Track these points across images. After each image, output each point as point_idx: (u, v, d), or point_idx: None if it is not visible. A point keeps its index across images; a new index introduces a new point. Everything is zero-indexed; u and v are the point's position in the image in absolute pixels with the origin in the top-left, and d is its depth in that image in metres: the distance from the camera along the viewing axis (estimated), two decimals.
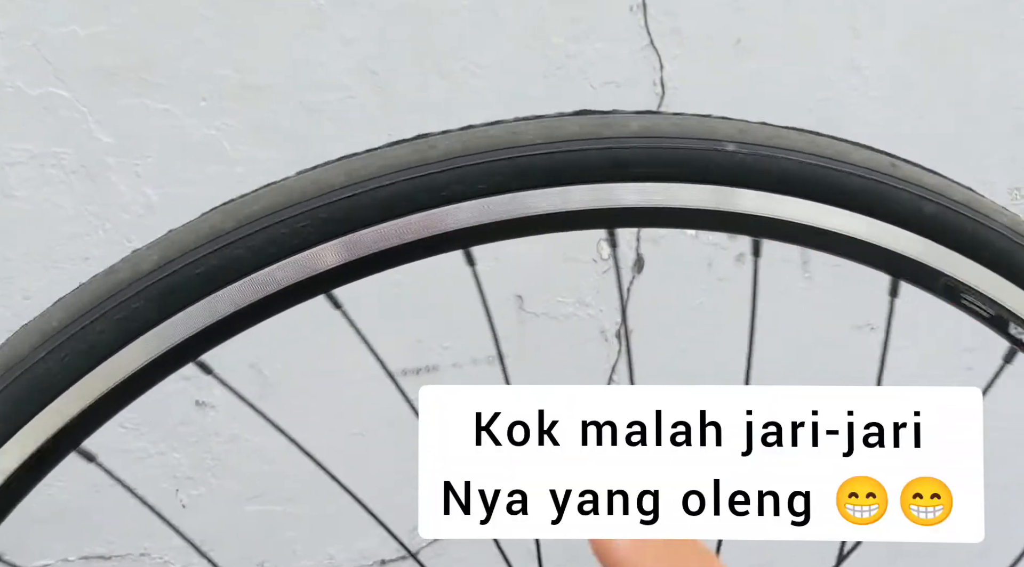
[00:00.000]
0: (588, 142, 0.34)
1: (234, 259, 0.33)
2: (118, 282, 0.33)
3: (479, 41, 0.79)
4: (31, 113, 0.74)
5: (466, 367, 0.85)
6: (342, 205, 0.33)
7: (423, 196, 0.33)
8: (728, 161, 0.34)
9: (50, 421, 0.32)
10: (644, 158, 0.34)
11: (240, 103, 0.77)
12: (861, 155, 0.35)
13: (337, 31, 0.77)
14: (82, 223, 0.77)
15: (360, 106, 0.79)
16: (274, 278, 0.33)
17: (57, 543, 0.82)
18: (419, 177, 0.34)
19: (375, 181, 0.33)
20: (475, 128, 0.35)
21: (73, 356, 0.32)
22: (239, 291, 0.33)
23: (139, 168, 0.76)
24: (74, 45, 0.74)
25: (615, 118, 0.35)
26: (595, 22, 0.80)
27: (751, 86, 0.84)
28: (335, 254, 0.33)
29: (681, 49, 0.82)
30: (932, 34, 0.86)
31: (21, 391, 0.32)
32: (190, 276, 0.33)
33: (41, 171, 0.76)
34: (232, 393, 0.39)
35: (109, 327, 0.32)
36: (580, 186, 0.34)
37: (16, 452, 0.32)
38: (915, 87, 0.87)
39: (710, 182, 0.34)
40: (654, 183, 0.34)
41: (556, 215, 0.34)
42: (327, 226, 0.33)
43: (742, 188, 0.34)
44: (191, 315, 0.33)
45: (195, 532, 0.83)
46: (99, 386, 0.33)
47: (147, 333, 0.33)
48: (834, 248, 0.36)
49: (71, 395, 0.32)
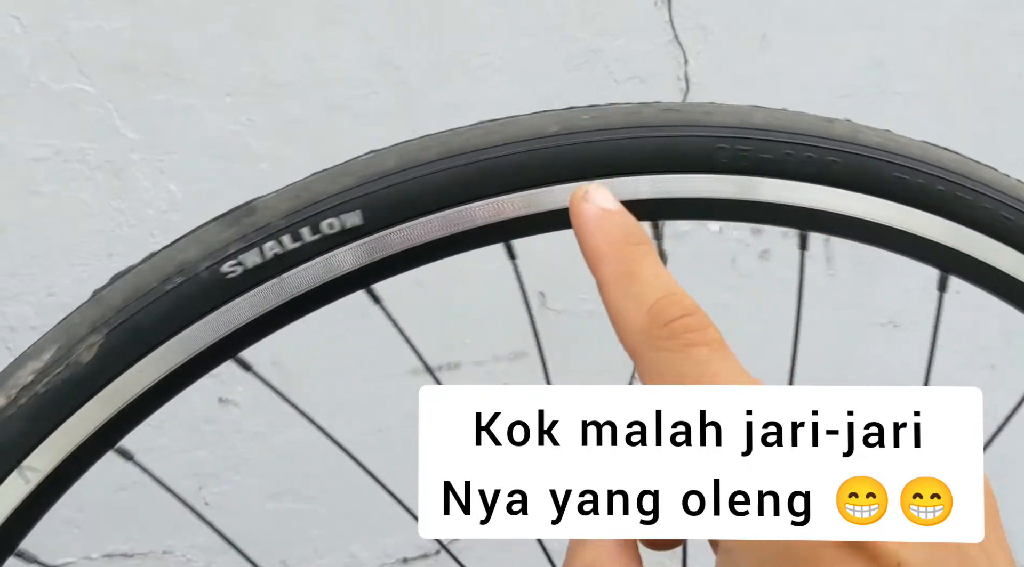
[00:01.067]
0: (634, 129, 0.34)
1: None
2: (145, 283, 0.32)
3: (501, 36, 0.79)
4: (55, 108, 0.74)
5: (488, 364, 0.85)
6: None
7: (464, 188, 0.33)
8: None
9: (87, 420, 0.32)
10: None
11: (263, 99, 0.77)
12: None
13: (359, 26, 0.77)
14: (106, 219, 0.77)
15: (381, 102, 0.79)
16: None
17: (79, 541, 0.83)
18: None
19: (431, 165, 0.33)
20: (488, 123, 0.35)
21: (108, 355, 0.32)
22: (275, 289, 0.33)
23: (163, 164, 0.77)
24: (99, 40, 0.74)
25: (645, 107, 0.34)
26: (619, 17, 0.80)
27: (775, 81, 0.84)
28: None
29: (706, 44, 0.82)
30: (956, 29, 0.86)
31: (61, 387, 0.31)
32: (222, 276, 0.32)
33: (65, 167, 0.76)
34: (272, 390, 0.39)
35: (146, 326, 0.32)
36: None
37: (54, 451, 0.32)
38: (939, 83, 0.86)
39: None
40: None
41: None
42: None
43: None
44: (227, 314, 0.33)
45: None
46: (135, 386, 0.32)
47: (185, 331, 0.32)
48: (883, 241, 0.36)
49: (107, 394, 0.32)
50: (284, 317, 0.33)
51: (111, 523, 0.82)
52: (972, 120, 0.88)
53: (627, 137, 0.33)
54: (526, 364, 0.86)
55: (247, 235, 0.32)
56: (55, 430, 0.31)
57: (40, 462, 0.32)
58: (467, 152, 0.34)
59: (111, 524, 0.82)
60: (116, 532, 0.83)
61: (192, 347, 0.32)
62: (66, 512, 0.81)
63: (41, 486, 0.32)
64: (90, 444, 0.32)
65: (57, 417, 0.31)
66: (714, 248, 0.86)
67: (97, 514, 0.82)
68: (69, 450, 0.32)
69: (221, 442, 0.83)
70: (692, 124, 0.34)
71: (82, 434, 0.32)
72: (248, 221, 0.33)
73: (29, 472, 0.32)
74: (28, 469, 0.32)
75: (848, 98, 0.86)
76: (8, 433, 0.31)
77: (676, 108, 0.34)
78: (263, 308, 0.33)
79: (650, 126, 0.33)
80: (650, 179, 0.33)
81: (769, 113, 0.35)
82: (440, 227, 0.33)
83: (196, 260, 0.32)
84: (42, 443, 0.31)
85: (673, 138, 0.33)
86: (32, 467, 0.32)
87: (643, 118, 0.34)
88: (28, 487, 0.32)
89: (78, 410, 0.32)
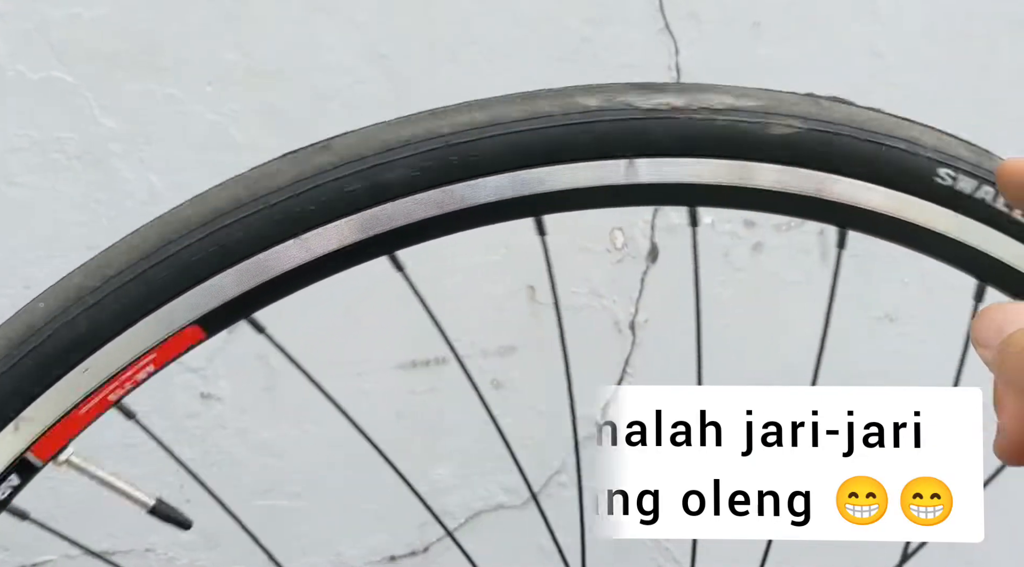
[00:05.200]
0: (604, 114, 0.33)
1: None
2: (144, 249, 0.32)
3: (491, 24, 0.79)
4: (33, 98, 0.75)
5: (476, 358, 0.85)
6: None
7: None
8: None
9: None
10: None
11: (247, 88, 0.77)
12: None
13: (346, 14, 0.77)
14: (86, 211, 0.77)
15: (369, 91, 0.79)
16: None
17: (58, 539, 0.82)
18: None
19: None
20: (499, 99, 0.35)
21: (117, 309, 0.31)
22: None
23: (144, 155, 0.77)
24: (77, 28, 0.74)
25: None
26: (610, 5, 0.80)
27: (768, 71, 0.83)
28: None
29: (697, 33, 0.81)
30: (953, 19, 0.85)
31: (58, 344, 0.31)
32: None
33: (44, 157, 0.76)
34: (290, 360, 0.39)
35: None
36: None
37: (50, 406, 0.31)
38: (936, 73, 0.86)
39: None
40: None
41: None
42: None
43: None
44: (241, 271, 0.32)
45: (200, 527, 0.83)
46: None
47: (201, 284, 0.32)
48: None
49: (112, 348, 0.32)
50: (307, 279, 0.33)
51: (92, 520, 0.82)
52: (971, 112, 0.87)
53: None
54: (514, 359, 0.86)
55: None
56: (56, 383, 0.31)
57: (37, 413, 0.32)
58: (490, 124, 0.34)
59: (92, 521, 0.82)
60: (97, 529, 0.83)
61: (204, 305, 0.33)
62: (45, 509, 0.81)
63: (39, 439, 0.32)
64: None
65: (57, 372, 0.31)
66: (706, 241, 0.85)
67: (77, 511, 0.81)
68: (69, 405, 0.32)
69: (204, 438, 0.82)
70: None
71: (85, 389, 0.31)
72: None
73: (24, 423, 0.32)
74: (23, 420, 0.32)
75: (843, 88, 0.85)
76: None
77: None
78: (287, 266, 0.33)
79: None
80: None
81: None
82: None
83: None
84: (41, 396, 0.31)
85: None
86: (28, 417, 0.32)
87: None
88: (23, 438, 0.32)
89: (80, 363, 0.32)
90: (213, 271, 0.32)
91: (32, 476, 0.33)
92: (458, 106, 0.33)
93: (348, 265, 0.34)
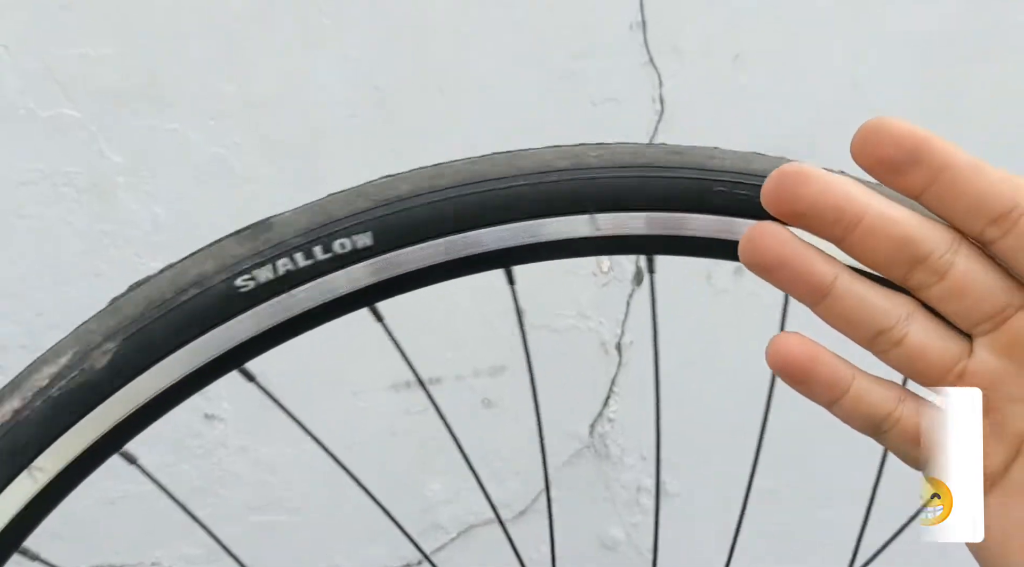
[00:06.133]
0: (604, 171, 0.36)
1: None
2: (161, 293, 0.34)
3: (480, 57, 0.80)
4: (43, 134, 0.76)
5: (468, 379, 0.86)
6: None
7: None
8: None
9: (96, 424, 0.33)
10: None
11: (246, 121, 0.78)
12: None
13: (340, 49, 0.78)
14: (93, 240, 0.78)
15: (363, 122, 0.80)
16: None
17: (69, 554, 0.84)
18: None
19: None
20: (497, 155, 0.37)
21: (121, 362, 0.33)
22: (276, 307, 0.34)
23: (148, 186, 0.78)
24: (84, 67, 0.75)
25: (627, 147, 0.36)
26: (595, 40, 0.81)
27: (750, 101, 0.85)
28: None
29: (680, 65, 0.83)
30: (929, 48, 0.86)
31: (72, 393, 0.33)
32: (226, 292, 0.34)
33: (53, 190, 0.77)
34: (274, 401, 0.41)
35: (159, 336, 0.34)
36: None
37: (61, 454, 0.33)
38: (912, 100, 0.87)
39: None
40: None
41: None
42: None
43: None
44: (235, 326, 0.34)
45: (203, 541, 0.85)
46: (144, 393, 0.34)
47: (192, 343, 0.34)
48: None
49: (116, 400, 0.33)
50: (290, 331, 0.35)
51: (100, 536, 0.83)
52: (945, 135, 0.89)
53: (631, 175, 0.35)
54: (506, 378, 0.87)
55: (262, 251, 0.34)
56: (65, 432, 0.33)
57: (48, 463, 0.33)
58: (477, 181, 0.35)
59: (100, 537, 0.83)
60: (105, 544, 0.84)
61: (200, 358, 0.34)
62: (55, 526, 0.82)
63: (48, 486, 0.34)
64: (97, 447, 0.34)
65: (68, 420, 0.33)
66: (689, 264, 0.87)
67: (86, 527, 0.83)
68: (77, 452, 0.33)
69: (207, 456, 0.84)
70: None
71: (90, 438, 0.33)
72: (264, 237, 0.34)
73: (38, 472, 0.33)
74: (37, 469, 0.33)
75: (822, 117, 0.87)
76: (21, 434, 0.33)
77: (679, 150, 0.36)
78: (271, 322, 0.34)
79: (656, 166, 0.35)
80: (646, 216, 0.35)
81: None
82: (446, 251, 0.35)
83: (211, 273, 0.34)
84: (52, 445, 0.33)
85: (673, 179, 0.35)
86: (40, 467, 0.33)
87: (648, 158, 0.35)
88: (36, 487, 0.33)
89: (88, 414, 0.33)
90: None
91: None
92: (389, 179, 0.35)
93: (306, 330, 0.35)
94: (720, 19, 0.83)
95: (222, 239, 0.35)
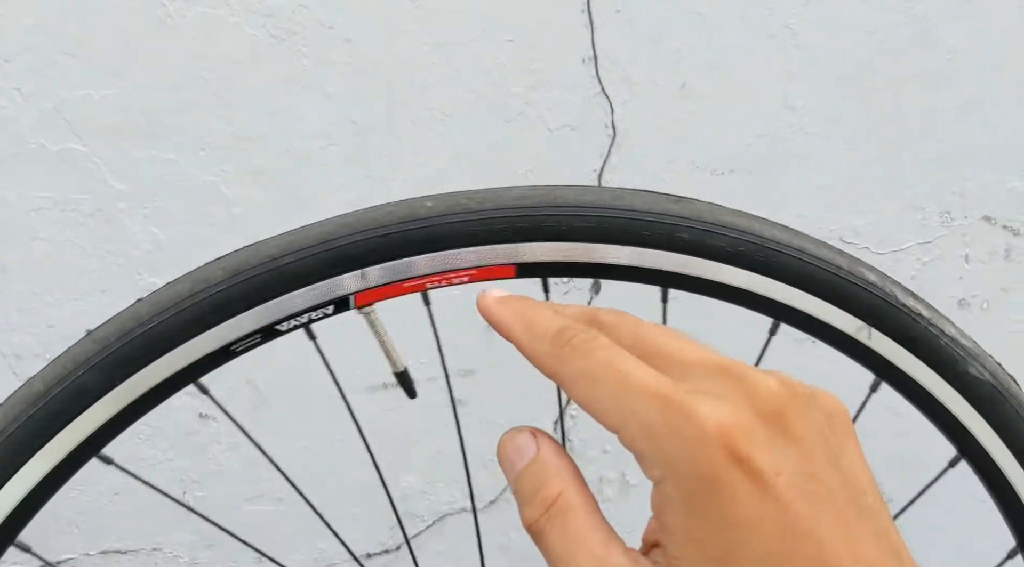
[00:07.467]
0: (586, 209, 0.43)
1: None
2: (145, 311, 0.41)
3: (445, 91, 0.85)
4: (53, 166, 0.81)
5: (440, 381, 0.92)
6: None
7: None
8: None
9: (78, 430, 0.40)
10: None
11: (235, 152, 0.83)
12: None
13: (319, 87, 0.83)
14: (98, 260, 0.83)
15: (341, 152, 0.85)
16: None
17: (79, 540, 0.90)
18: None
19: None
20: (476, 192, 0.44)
21: (105, 372, 0.40)
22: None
23: (147, 211, 0.83)
24: (89, 106, 0.80)
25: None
26: (550, 72, 0.86)
27: (695, 126, 0.90)
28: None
29: (630, 94, 0.88)
30: (861, 74, 0.90)
31: (59, 404, 0.40)
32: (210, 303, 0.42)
33: (62, 215, 0.82)
34: (221, 410, 0.47)
35: (136, 350, 0.41)
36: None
37: (47, 458, 0.40)
38: (847, 123, 0.91)
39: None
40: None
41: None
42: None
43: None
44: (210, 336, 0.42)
45: (199, 529, 0.90)
46: (123, 399, 0.41)
47: (166, 355, 0.42)
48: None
49: (99, 407, 0.40)
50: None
51: (107, 524, 0.89)
52: (878, 157, 0.93)
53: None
54: (474, 379, 0.93)
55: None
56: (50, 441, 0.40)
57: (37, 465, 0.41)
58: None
59: (107, 525, 0.89)
60: (111, 532, 0.90)
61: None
62: (67, 515, 0.87)
63: (35, 488, 0.40)
64: (78, 452, 0.41)
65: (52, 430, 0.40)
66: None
67: (94, 516, 0.89)
68: (61, 457, 0.40)
69: (202, 452, 0.89)
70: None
71: (71, 444, 0.41)
72: None
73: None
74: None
75: (763, 138, 0.91)
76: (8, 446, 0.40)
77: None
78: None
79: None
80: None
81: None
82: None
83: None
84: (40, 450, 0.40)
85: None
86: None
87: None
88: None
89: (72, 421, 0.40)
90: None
91: (343, 311, 0.42)
92: (337, 217, 0.42)
93: (258, 345, 0.42)
94: (667, 52, 0.88)
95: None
